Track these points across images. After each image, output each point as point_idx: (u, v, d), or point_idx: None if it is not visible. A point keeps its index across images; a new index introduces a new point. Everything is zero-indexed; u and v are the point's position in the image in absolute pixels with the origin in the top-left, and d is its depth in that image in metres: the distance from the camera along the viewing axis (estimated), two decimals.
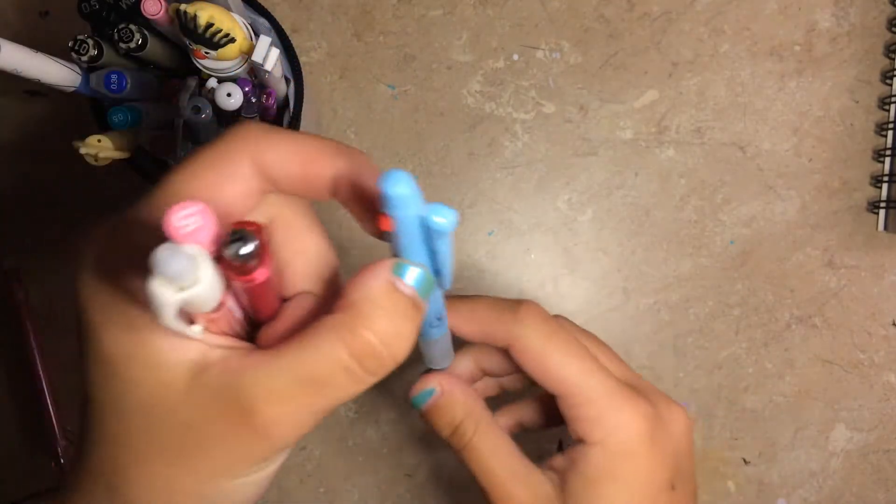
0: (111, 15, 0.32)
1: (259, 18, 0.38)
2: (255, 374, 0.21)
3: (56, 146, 0.49)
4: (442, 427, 0.33)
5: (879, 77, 0.50)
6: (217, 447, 0.21)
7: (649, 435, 0.31)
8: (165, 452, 0.22)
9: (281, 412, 0.21)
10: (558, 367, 0.31)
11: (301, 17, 0.49)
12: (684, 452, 0.33)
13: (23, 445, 0.49)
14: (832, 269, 0.50)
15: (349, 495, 0.49)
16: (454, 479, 0.49)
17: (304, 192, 0.24)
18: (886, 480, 0.49)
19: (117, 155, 0.34)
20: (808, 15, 0.50)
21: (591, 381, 0.31)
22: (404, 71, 0.49)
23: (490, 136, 0.49)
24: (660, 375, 0.49)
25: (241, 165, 0.22)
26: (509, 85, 0.49)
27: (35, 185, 0.49)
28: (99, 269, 0.22)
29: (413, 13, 0.49)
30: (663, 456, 0.31)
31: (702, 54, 0.49)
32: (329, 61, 0.49)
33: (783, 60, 0.50)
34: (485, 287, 0.49)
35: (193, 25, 0.29)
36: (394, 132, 0.49)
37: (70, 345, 0.49)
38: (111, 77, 0.32)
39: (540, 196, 0.49)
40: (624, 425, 0.31)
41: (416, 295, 0.22)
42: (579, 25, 0.49)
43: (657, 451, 0.31)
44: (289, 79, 0.38)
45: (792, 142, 0.49)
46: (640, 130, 0.49)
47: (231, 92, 0.32)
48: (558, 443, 0.49)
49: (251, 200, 0.23)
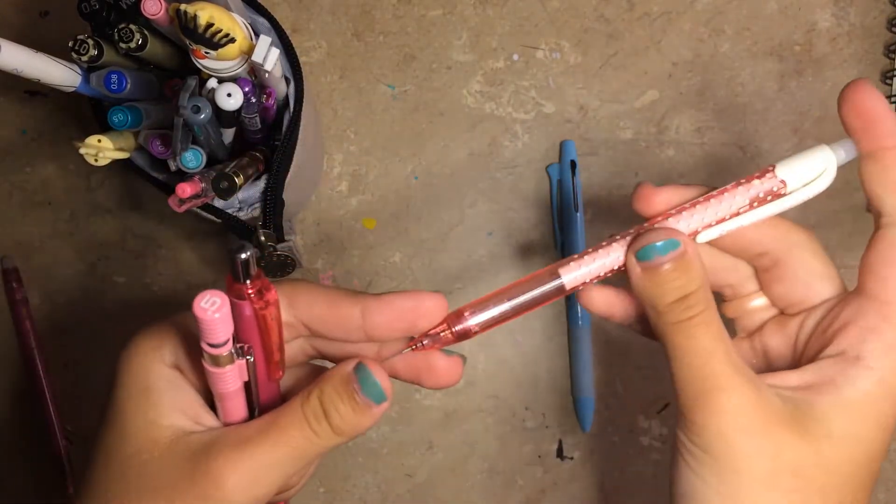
0: (111, 15, 0.32)
1: (259, 18, 0.38)
2: (224, 436, 0.26)
3: (56, 146, 0.49)
4: (668, 291, 0.26)
5: (879, 77, 0.50)
6: (175, 498, 0.25)
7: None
8: (129, 496, 0.26)
9: (237, 464, 0.25)
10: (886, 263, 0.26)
11: (301, 17, 0.49)
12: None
13: (23, 445, 0.49)
14: None
15: (349, 495, 0.49)
16: (454, 479, 0.49)
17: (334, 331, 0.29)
18: (887, 480, 0.49)
19: (117, 155, 0.34)
20: (808, 15, 0.50)
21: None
22: (404, 71, 0.49)
23: (490, 136, 0.49)
24: (660, 376, 0.49)
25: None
26: (509, 85, 0.49)
27: (35, 185, 0.49)
28: (140, 355, 0.28)
29: (413, 13, 0.49)
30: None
31: (702, 54, 0.49)
32: (329, 61, 0.49)
33: (783, 60, 0.49)
34: (485, 287, 0.49)
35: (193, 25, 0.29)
36: (394, 132, 0.49)
37: (70, 344, 0.49)
38: (111, 77, 0.32)
39: (540, 196, 0.49)
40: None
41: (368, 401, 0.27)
42: (579, 25, 0.49)
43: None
44: (289, 79, 0.38)
45: (792, 142, 0.49)
46: (640, 130, 0.49)
47: (231, 92, 0.32)
48: (558, 443, 0.49)
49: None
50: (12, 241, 0.49)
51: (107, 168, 0.48)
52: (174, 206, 0.32)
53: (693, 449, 0.26)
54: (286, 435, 0.26)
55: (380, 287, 0.49)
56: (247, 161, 0.36)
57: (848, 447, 0.26)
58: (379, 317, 0.27)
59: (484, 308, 0.28)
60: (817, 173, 0.27)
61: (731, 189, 0.27)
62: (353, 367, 0.26)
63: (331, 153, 0.49)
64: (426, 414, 0.49)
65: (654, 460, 0.49)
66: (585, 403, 0.48)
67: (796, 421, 0.26)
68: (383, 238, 0.49)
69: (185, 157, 0.34)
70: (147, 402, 0.27)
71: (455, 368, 0.28)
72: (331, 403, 0.26)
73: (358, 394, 0.26)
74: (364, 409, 0.26)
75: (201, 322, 0.23)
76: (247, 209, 0.39)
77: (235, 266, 0.23)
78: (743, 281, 0.30)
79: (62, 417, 0.48)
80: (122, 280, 0.49)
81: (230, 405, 0.27)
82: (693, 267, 0.27)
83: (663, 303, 0.27)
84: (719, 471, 0.26)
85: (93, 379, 0.49)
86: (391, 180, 0.49)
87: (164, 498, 0.25)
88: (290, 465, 0.26)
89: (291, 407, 0.26)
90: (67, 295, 0.49)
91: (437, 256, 0.49)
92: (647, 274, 0.27)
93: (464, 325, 0.28)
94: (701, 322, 0.26)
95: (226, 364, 0.25)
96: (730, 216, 0.27)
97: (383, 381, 0.26)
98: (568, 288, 0.28)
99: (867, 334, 0.26)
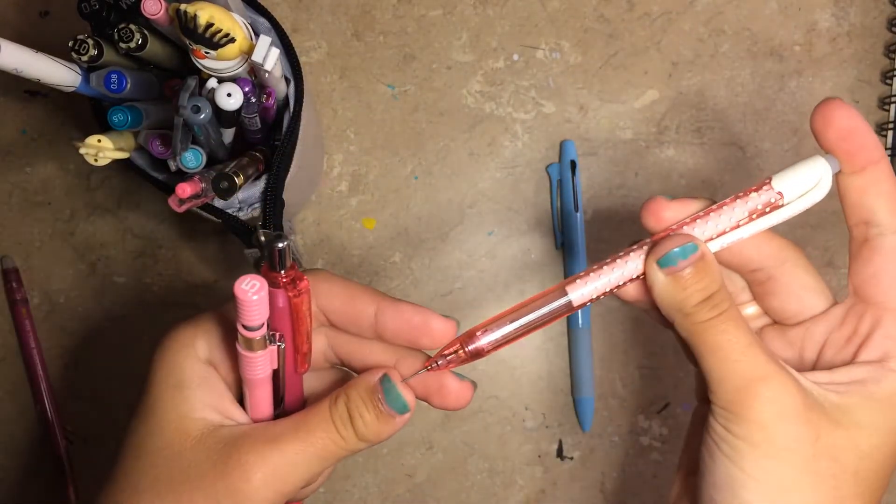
0: (111, 15, 0.32)
1: (259, 18, 0.38)
2: (254, 432, 0.27)
3: (56, 146, 0.49)
4: (693, 293, 0.27)
5: (879, 77, 0.50)
6: (204, 488, 0.26)
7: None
8: (160, 486, 0.27)
9: (267, 459, 0.26)
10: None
11: (301, 17, 0.49)
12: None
13: (23, 445, 0.49)
14: (832, 268, 0.50)
15: (349, 495, 0.49)
16: (454, 479, 0.49)
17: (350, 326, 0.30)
18: None
19: (117, 155, 0.34)
20: (808, 15, 0.50)
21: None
22: (404, 71, 0.49)
23: (490, 136, 0.49)
24: (659, 376, 0.49)
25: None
26: (509, 85, 0.49)
27: (35, 185, 0.49)
28: (174, 350, 0.29)
29: (413, 13, 0.49)
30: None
31: (702, 54, 0.49)
32: (329, 61, 0.49)
33: (783, 60, 0.49)
34: (484, 287, 0.49)
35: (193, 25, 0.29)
36: (394, 132, 0.49)
37: (70, 344, 0.49)
38: (111, 77, 0.32)
39: (540, 196, 0.49)
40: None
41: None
42: (579, 25, 0.49)
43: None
44: (289, 79, 0.38)
45: (792, 142, 0.49)
46: (640, 130, 0.49)
47: (231, 92, 0.32)
48: (558, 443, 0.49)
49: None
50: (12, 241, 0.49)
51: (107, 168, 0.48)
52: (174, 206, 0.32)
53: (731, 439, 0.27)
54: (314, 435, 0.27)
55: (379, 287, 0.49)
56: (247, 161, 0.36)
57: (878, 436, 0.27)
58: (389, 321, 0.29)
59: (496, 328, 0.29)
60: (813, 183, 0.27)
61: (730, 202, 0.28)
62: (379, 378, 0.28)
63: (331, 153, 0.49)
64: (426, 414, 0.49)
65: (654, 460, 0.49)
66: (585, 403, 0.48)
67: (830, 410, 0.27)
68: (383, 238, 0.49)
69: (185, 157, 0.34)
70: (180, 396, 0.28)
71: (465, 392, 0.30)
72: (356, 409, 0.28)
73: (382, 403, 0.28)
74: (387, 419, 0.28)
75: (240, 303, 0.24)
76: (247, 209, 0.39)
77: (273, 255, 0.25)
78: (738, 291, 0.31)
79: (62, 417, 0.48)
80: (122, 280, 0.49)
81: (258, 393, 0.28)
82: (713, 268, 0.27)
83: (690, 304, 0.27)
84: (759, 459, 0.26)
85: (93, 379, 0.49)
86: (391, 180, 0.49)
87: (193, 488, 0.26)
88: (315, 465, 0.27)
89: (320, 409, 0.28)
90: (67, 295, 0.49)
91: (437, 256, 0.49)
92: (671, 280, 0.27)
93: (476, 344, 0.29)
94: (729, 318, 0.27)
95: (258, 349, 0.26)
96: (730, 228, 0.28)
97: (406, 393, 0.28)
98: (575, 305, 0.29)
99: (887, 342, 0.27)
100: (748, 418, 0.26)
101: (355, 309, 0.29)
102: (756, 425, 0.26)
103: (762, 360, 0.27)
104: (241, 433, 0.27)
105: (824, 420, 0.26)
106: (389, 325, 0.29)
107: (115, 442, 0.29)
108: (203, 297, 0.49)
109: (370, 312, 0.29)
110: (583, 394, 0.48)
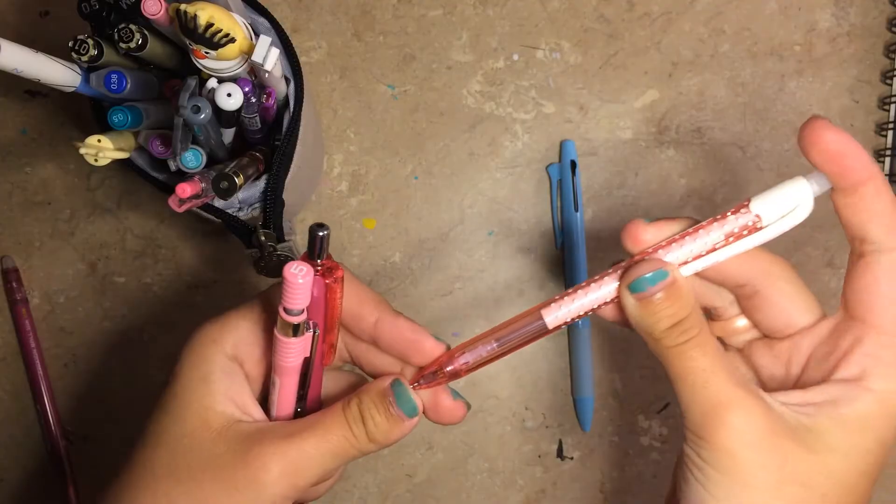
0: (111, 15, 0.32)
1: (259, 18, 0.38)
2: (273, 428, 0.29)
3: (56, 146, 0.49)
4: (662, 318, 0.27)
5: (879, 77, 0.50)
6: (223, 478, 0.27)
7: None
8: (179, 473, 0.28)
9: (285, 453, 0.28)
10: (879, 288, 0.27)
11: (301, 17, 0.49)
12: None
13: (23, 445, 0.49)
14: (832, 268, 0.50)
15: (349, 495, 0.49)
16: (454, 479, 0.49)
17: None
18: (885, 479, 0.49)
19: (117, 155, 0.34)
20: (808, 15, 0.50)
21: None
22: (404, 71, 0.49)
23: (490, 136, 0.49)
24: (659, 376, 0.49)
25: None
26: (509, 85, 0.49)
27: (35, 185, 0.49)
28: (202, 345, 0.30)
29: (413, 13, 0.49)
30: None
31: (702, 54, 0.49)
32: (329, 61, 0.49)
33: (783, 60, 0.49)
34: (484, 287, 0.49)
35: (193, 25, 0.29)
36: (394, 132, 0.49)
37: (70, 344, 0.49)
38: (111, 77, 0.32)
39: (540, 196, 0.49)
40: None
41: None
42: (579, 25, 0.49)
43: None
44: (289, 79, 0.38)
45: (792, 142, 0.49)
46: (640, 130, 0.49)
47: (231, 92, 0.32)
48: (558, 443, 0.49)
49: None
50: (12, 241, 0.49)
51: (106, 168, 0.48)
52: (174, 206, 0.32)
53: (701, 465, 0.27)
54: (329, 434, 0.28)
55: (379, 287, 0.49)
56: (247, 161, 0.36)
57: (850, 458, 0.26)
58: (386, 331, 0.30)
59: (472, 349, 0.30)
60: (793, 206, 0.27)
61: (706, 226, 0.28)
62: (390, 383, 0.30)
63: (331, 153, 0.49)
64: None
65: (654, 460, 0.49)
66: (585, 403, 0.48)
67: (800, 433, 0.26)
68: (383, 238, 0.49)
69: (185, 157, 0.34)
70: (205, 388, 0.29)
71: (457, 411, 0.31)
72: (367, 411, 0.29)
73: (392, 406, 0.29)
74: (396, 421, 0.29)
75: (288, 286, 0.25)
76: (247, 209, 0.39)
77: (314, 242, 0.26)
78: (726, 305, 0.31)
79: (62, 417, 0.48)
80: (122, 280, 0.49)
81: (287, 382, 0.29)
82: (683, 294, 0.28)
83: (658, 329, 0.28)
84: (728, 485, 0.27)
85: (93, 379, 0.49)
86: (391, 180, 0.49)
87: (213, 477, 0.27)
88: (329, 462, 0.28)
89: (334, 409, 0.29)
90: (67, 295, 0.49)
91: (437, 256, 0.49)
92: (641, 304, 0.28)
93: (454, 365, 0.30)
94: (696, 345, 0.27)
95: (298, 334, 0.27)
96: (706, 252, 0.28)
97: (416, 398, 0.30)
98: (550, 328, 0.30)
99: (866, 360, 0.27)
100: (716, 445, 0.27)
101: (361, 312, 0.31)
102: (723, 452, 0.26)
103: (729, 386, 0.27)
104: (259, 429, 0.29)
105: (792, 445, 0.26)
106: (386, 335, 0.30)
107: (116, 442, 0.29)
108: (203, 297, 0.49)
109: (372, 319, 0.30)
110: (583, 394, 0.48)
